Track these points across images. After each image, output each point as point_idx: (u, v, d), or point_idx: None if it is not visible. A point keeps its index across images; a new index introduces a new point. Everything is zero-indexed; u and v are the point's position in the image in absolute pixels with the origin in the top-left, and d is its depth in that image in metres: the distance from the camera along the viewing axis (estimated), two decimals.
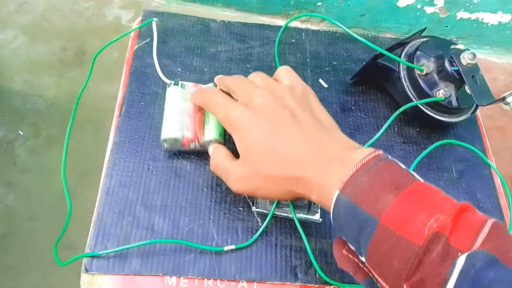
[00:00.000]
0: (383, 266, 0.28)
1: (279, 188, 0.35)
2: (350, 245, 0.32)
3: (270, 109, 0.36)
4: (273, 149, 0.34)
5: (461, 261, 0.25)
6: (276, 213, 0.44)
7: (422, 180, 0.30)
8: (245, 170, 0.36)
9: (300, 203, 0.44)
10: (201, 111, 0.48)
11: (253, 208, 0.44)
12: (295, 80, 0.40)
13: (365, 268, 0.31)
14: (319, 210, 0.44)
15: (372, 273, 0.30)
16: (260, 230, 0.44)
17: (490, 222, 0.27)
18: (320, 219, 0.44)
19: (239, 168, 0.37)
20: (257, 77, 0.41)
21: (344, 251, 0.33)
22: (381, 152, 0.32)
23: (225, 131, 0.49)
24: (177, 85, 0.49)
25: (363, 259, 0.30)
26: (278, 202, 0.44)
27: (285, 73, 0.41)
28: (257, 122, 0.35)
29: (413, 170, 0.48)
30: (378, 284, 0.30)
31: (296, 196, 0.36)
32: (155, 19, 0.56)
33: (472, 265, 0.24)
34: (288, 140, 0.34)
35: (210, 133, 0.47)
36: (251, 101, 0.37)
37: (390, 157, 0.32)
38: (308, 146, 0.34)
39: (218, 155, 0.41)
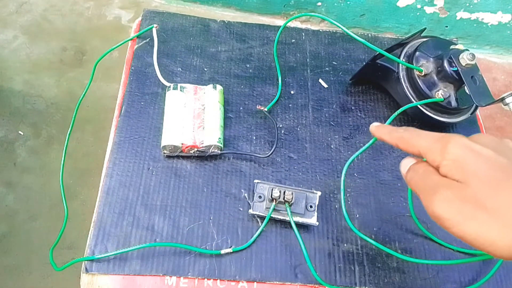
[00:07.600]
0: None
1: None
2: None
3: (494, 154, 0.29)
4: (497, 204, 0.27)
5: None
6: (274, 216, 0.44)
7: None
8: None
9: (297, 207, 0.44)
10: (200, 117, 0.49)
11: (250, 211, 0.44)
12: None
13: None
14: (315, 213, 0.44)
15: None
16: (257, 234, 0.44)
17: None
18: (317, 223, 0.44)
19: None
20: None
21: None
22: None
23: (224, 136, 0.49)
24: (176, 89, 0.50)
25: None
26: (276, 206, 0.44)
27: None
28: (481, 162, 0.28)
29: None
30: None
31: None
32: (156, 25, 0.56)
33: None
34: None
35: (210, 138, 0.47)
36: (473, 139, 0.30)
37: None
38: None
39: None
